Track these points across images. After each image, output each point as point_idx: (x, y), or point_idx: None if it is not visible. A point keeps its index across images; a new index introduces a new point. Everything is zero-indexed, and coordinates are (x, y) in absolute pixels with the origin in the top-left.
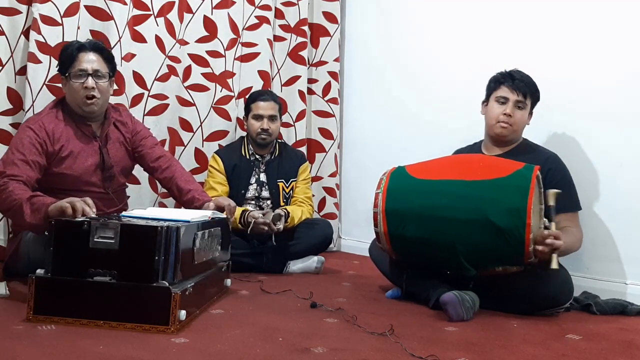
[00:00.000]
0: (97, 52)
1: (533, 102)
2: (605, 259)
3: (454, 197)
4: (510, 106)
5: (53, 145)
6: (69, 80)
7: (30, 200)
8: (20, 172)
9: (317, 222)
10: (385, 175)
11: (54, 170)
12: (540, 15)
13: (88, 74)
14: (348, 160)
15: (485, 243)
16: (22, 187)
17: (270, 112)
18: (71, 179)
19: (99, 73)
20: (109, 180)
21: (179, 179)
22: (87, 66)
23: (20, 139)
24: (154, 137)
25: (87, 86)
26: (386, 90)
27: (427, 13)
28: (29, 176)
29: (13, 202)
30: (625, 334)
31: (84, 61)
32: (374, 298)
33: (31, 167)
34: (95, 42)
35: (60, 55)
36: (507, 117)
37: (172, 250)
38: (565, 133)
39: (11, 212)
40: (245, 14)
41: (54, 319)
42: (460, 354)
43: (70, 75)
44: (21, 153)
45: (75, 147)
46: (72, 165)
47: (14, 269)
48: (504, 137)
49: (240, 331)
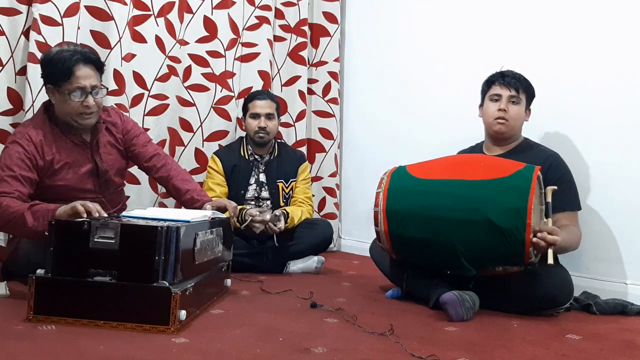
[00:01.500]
0: (91, 65)
1: (528, 98)
2: (605, 259)
3: (455, 197)
4: (504, 102)
5: (43, 159)
6: (63, 95)
7: (31, 209)
8: (12, 188)
9: (317, 222)
10: (386, 174)
11: (47, 183)
12: (540, 16)
13: (88, 92)
14: (348, 160)
15: (485, 243)
16: (15, 201)
17: (267, 110)
18: (65, 189)
19: (97, 88)
20: (105, 185)
21: (175, 178)
22: (85, 83)
23: (8, 154)
24: (146, 135)
25: (87, 104)
26: (386, 90)
27: (427, 13)
28: (21, 192)
29: (12, 215)
30: (625, 334)
31: (82, 77)
32: (374, 298)
33: (22, 183)
34: (87, 53)
35: (48, 66)
36: (502, 113)
37: (172, 250)
38: (565, 133)
39: (10, 225)
40: (245, 14)
41: (54, 319)
42: (460, 354)
43: (66, 91)
44: (10, 169)
45: (68, 157)
46: (67, 177)
47: (13, 269)
48: (502, 134)
49: (240, 331)
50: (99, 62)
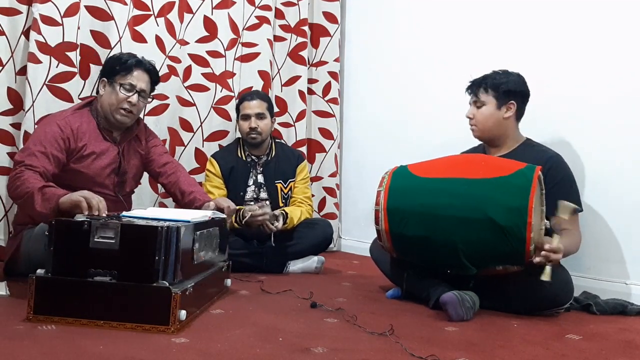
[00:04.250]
0: (148, 74)
1: (500, 95)
2: (605, 259)
3: (455, 195)
4: (470, 108)
5: (76, 142)
6: (114, 87)
7: (42, 190)
8: (39, 163)
9: (317, 222)
10: (388, 173)
11: (71, 166)
12: (539, 15)
13: (136, 91)
14: (348, 160)
15: (486, 241)
16: (36, 176)
17: (257, 110)
18: (85, 177)
19: (144, 93)
20: (121, 185)
21: (182, 182)
22: (137, 83)
23: (44, 132)
24: (164, 147)
25: (131, 101)
26: (386, 90)
27: (427, 13)
28: (46, 169)
29: (25, 190)
30: (625, 334)
31: (137, 78)
32: (374, 298)
33: (49, 161)
34: (150, 63)
35: (112, 61)
36: (470, 120)
37: (172, 250)
38: (565, 133)
39: (22, 200)
40: (246, 14)
41: (54, 319)
42: (460, 354)
43: (119, 84)
44: (42, 145)
45: (96, 148)
46: (90, 165)
47: (14, 268)
48: (480, 139)
49: (240, 331)
50: (157, 75)
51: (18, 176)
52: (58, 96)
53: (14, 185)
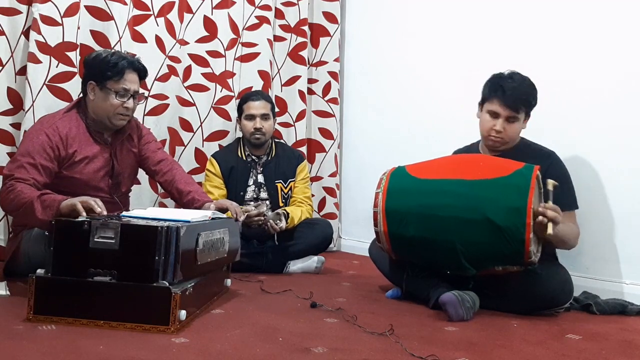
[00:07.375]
0: (138, 73)
1: (528, 111)
2: (604, 259)
3: (454, 196)
4: (501, 122)
5: (66, 149)
6: (107, 93)
7: (40, 198)
8: (28, 175)
9: (317, 222)
10: (386, 174)
11: (64, 173)
12: (539, 16)
13: (131, 95)
14: (348, 160)
15: (485, 242)
16: (30, 188)
17: (262, 110)
18: (80, 183)
19: (137, 94)
20: (117, 186)
21: (179, 181)
22: (131, 87)
23: (32, 142)
24: (158, 143)
25: (127, 106)
26: (386, 90)
27: (426, 13)
28: (37, 180)
29: (23, 201)
30: (625, 334)
31: (129, 81)
32: (374, 298)
33: (39, 172)
34: (138, 62)
35: (100, 64)
36: (497, 133)
37: (172, 250)
38: (564, 134)
39: (21, 211)
40: (245, 14)
41: (54, 319)
42: (460, 354)
43: (113, 91)
44: (31, 156)
45: (88, 152)
46: (83, 170)
47: (14, 268)
48: (496, 148)
49: (240, 331)
50: (145, 70)
51: (11, 189)
52: (58, 96)
53: (8, 198)
